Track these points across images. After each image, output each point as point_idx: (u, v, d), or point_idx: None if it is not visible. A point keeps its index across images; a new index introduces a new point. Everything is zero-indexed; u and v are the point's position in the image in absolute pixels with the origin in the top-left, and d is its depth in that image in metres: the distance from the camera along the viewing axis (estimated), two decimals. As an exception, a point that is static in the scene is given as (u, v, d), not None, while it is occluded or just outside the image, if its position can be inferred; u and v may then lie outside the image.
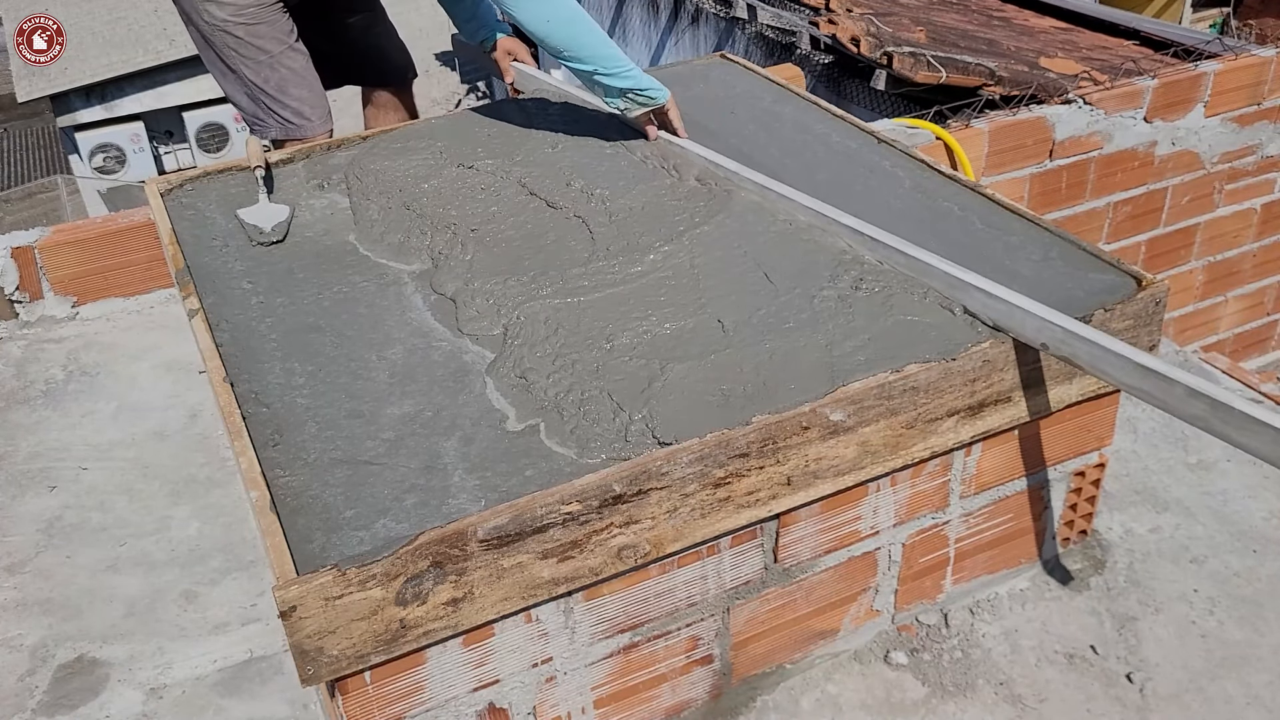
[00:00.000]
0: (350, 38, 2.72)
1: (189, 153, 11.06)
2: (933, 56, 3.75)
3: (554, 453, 1.52)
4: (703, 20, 5.78)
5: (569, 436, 1.53)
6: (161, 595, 2.08)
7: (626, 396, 1.58)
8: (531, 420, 1.58)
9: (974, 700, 1.79)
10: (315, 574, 1.32)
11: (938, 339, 1.66)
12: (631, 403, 1.57)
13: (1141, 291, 1.75)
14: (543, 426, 1.56)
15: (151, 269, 2.99)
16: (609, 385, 1.61)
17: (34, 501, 2.34)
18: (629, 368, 1.65)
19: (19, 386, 2.73)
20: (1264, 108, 3.57)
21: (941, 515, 1.82)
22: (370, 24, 2.75)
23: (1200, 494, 2.19)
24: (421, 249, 2.03)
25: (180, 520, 2.27)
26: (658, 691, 1.71)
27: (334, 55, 2.73)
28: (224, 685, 1.89)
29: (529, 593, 1.47)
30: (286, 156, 2.41)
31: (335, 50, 2.72)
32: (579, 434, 1.53)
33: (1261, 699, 1.77)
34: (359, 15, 2.73)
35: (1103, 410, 1.87)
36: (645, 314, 1.76)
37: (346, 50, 2.74)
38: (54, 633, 2.01)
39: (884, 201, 2.08)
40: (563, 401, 1.59)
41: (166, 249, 2.09)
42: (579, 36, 2.11)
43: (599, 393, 1.60)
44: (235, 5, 2.44)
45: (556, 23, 2.10)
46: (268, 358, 1.75)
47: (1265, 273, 3.96)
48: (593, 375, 1.64)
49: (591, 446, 1.51)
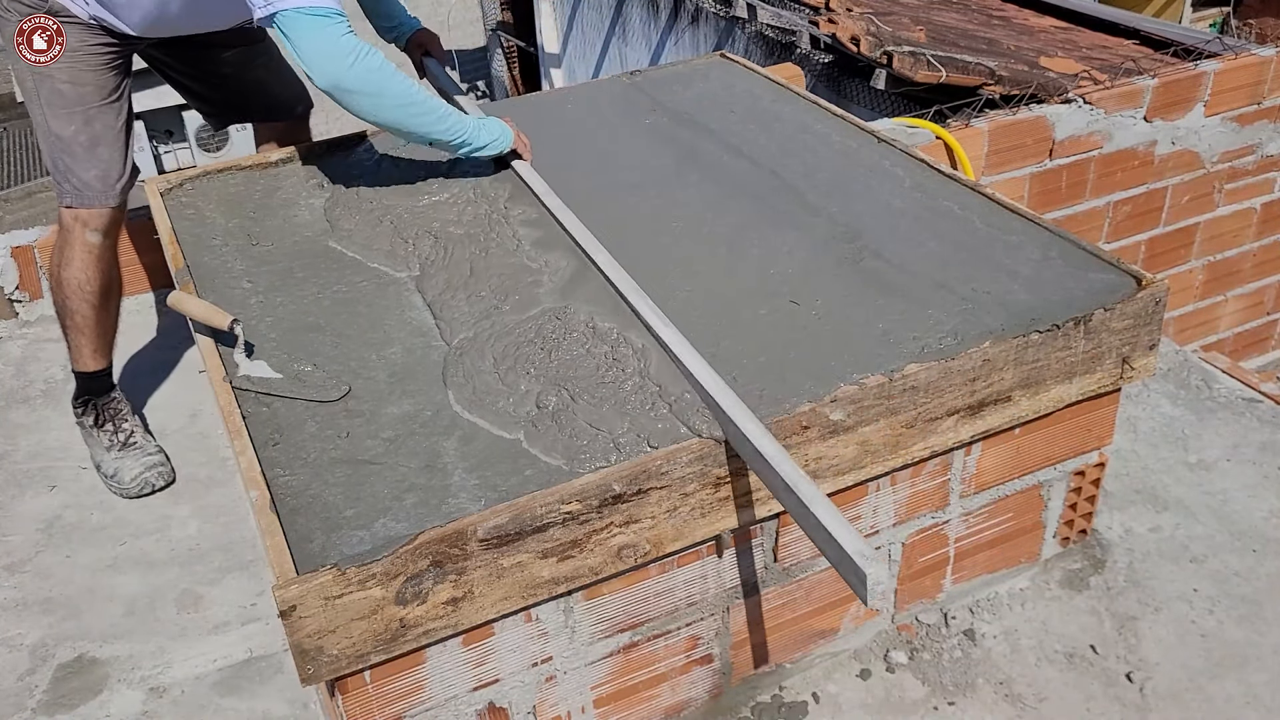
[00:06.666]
0: (225, 74, 2.47)
1: (189, 152, 11.07)
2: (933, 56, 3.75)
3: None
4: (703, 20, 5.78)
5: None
6: (161, 595, 2.08)
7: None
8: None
9: (974, 700, 1.79)
10: (315, 573, 1.32)
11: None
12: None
13: (1141, 291, 1.74)
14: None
15: (151, 269, 3.00)
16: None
17: (34, 501, 2.34)
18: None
19: (19, 386, 2.73)
20: (1264, 107, 3.57)
21: (941, 515, 1.82)
22: (247, 59, 2.48)
23: (1200, 494, 2.19)
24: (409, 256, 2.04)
25: (180, 520, 2.27)
26: (658, 691, 1.71)
27: (211, 95, 2.55)
28: (224, 685, 1.89)
29: (529, 592, 1.47)
30: (286, 156, 2.41)
31: (212, 89, 2.53)
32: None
33: (1261, 699, 1.77)
34: (233, 50, 2.45)
35: (1103, 410, 1.87)
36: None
37: (224, 88, 2.52)
38: (54, 632, 2.01)
39: (884, 201, 2.08)
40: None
41: (166, 248, 2.09)
42: (406, 123, 2.04)
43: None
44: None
45: (382, 118, 2.02)
46: (267, 357, 1.75)
47: (1265, 272, 3.96)
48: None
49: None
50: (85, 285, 2.26)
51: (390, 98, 1.99)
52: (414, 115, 2.04)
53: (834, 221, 2.02)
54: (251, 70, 2.51)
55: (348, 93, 1.94)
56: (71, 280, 2.25)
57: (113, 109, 2.21)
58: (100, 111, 2.19)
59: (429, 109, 2.06)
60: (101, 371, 2.37)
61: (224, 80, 2.49)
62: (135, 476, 2.31)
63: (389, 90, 1.99)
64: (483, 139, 2.17)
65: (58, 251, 2.26)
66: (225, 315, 1.75)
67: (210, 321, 1.76)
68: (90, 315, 2.29)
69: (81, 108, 2.16)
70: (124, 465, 2.32)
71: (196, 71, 2.49)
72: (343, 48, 1.91)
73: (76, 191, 2.20)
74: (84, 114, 2.17)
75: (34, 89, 2.16)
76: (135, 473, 2.31)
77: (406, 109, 2.02)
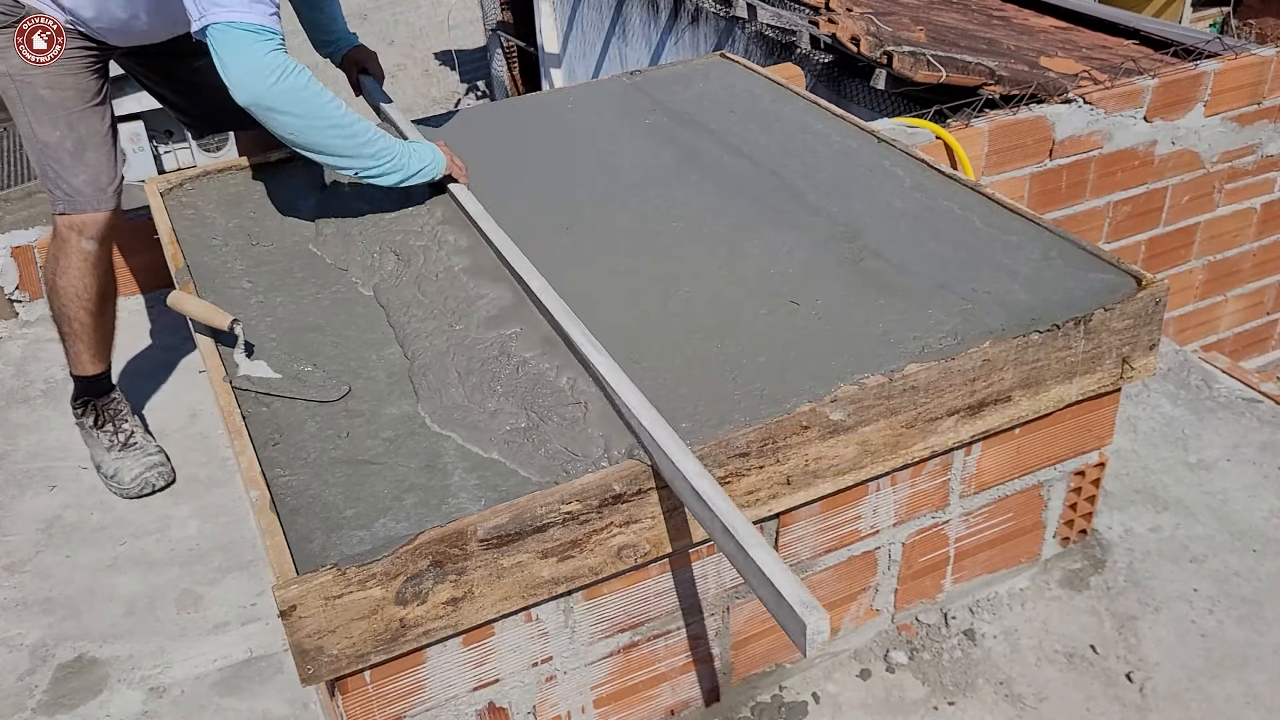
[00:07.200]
0: (197, 82, 2.37)
1: (188, 152, 11.06)
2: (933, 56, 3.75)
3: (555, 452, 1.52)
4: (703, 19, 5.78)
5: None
6: (161, 595, 2.08)
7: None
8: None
9: (974, 700, 1.79)
10: (315, 573, 1.32)
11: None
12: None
13: (1141, 291, 1.75)
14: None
15: (151, 268, 3.00)
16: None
17: (34, 501, 2.34)
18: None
19: (19, 386, 2.73)
20: (1264, 107, 3.57)
21: (941, 514, 1.82)
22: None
23: (1200, 493, 2.19)
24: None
25: (180, 519, 2.27)
26: (658, 691, 1.71)
27: (186, 104, 2.52)
28: (224, 685, 1.89)
29: (529, 592, 1.47)
30: (286, 156, 2.41)
31: (185, 98, 2.50)
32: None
33: (1261, 698, 1.77)
34: (205, 59, 2.25)
35: (1103, 410, 1.87)
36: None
37: (197, 96, 2.45)
38: (54, 632, 2.01)
39: (884, 201, 2.08)
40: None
41: (166, 248, 2.09)
42: (331, 146, 1.95)
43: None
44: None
45: (306, 140, 1.93)
46: (267, 357, 1.75)
47: (1265, 272, 3.96)
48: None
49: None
50: (83, 293, 2.25)
51: (316, 119, 1.91)
52: (341, 138, 1.94)
53: (834, 221, 2.02)
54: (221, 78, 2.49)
55: (269, 111, 1.87)
56: (69, 289, 2.25)
57: (96, 112, 2.20)
58: (83, 116, 2.18)
59: (357, 132, 1.96)
60: (100, 374, 2.37)
61: (197, 89, 2.43)
62: (135, 477, 2.31)
63: (314, 112, 1.90)
64: (413, 166, 2.07)
65: (53, 260, 2.25)
66: (225, 315, 1.74)
67: (210, 321, 1.76)
68: (88, 322, 2.29)
69: (64, 112, 2.15)
70: (124, 465, 2.32)
71: (169, 81, 2.47)
72: (267, 64, 1.83)
73: (68, 198, 2.19)
74: (67, 119, 2.16)
75: (16, 97, 2.15)
76: (135, 473, 2.31)
77: (332, 131, 1.93)
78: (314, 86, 1.90)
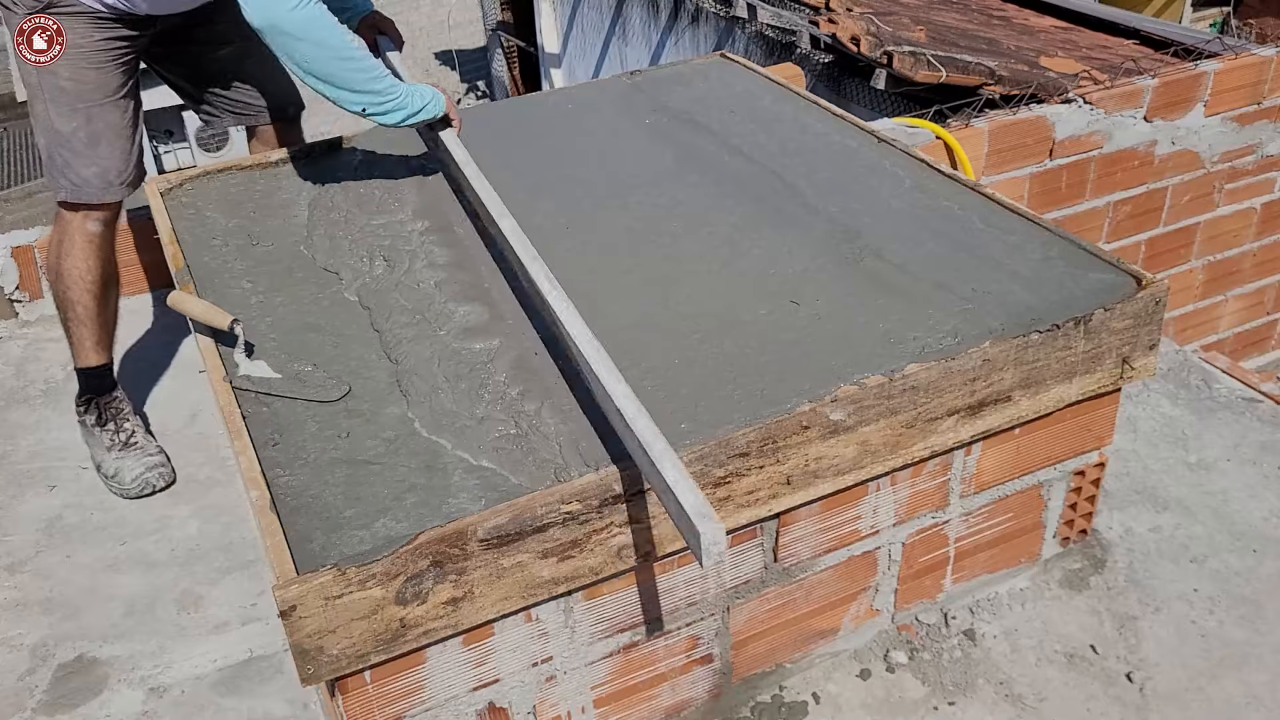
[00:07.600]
0: (218, 70, 2.48)
1: (189, 152, 11.05)
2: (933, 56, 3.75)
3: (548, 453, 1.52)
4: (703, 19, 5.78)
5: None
6: (161, 595, 2.08)
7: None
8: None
9: (974, 700, 1.79)
10: (315, 573, 1.32)
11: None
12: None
13: (1141, 291, 1.75)
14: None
15: (151, 268, 3.00)
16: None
17: (34, 501, 2.34)
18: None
19: (19, 386, 2.73)
20: (1264, 107, 3.57)
21: (941, 514, 1.82)
22: (242, 55, 2.47)
23: (1200, 494, 2.19)
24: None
25: (180, 519, 2.27)
26: (657, 691, 1.71)
27: (205, 94, 2.54)
28: (224, 685, 1.89)
29: (529, 592, 1.47)
30: (286, 156, 2.41)
31: (205, 88, 2.53)
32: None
33: (1261, 699, 1.77)
34: (228, 48, 2.45)
35: (1103, 409, 1.87)
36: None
37: (218, 85, 2.52)
38: (54, 632, 2.01)
39: (884, 201, 2.08)
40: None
41: (166, 248, 2.09)
42: (340, 77, 2.00)
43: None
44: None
45: (316, 69, 1.98)
46: (267, 357, 1.75)
47: (1265, 272, 3.96)
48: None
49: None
50: (86, 274, 2.28)
51: (329, 50, 1.97)
52: (351, 71, 2.00)
53: (834, 221, 2.02)
54: (244, 67, 2.51)
55: (285, 36, 1.92)
56: (73, 270, 2.27)
57: (117, 106, 2.22)
58: (102, 109, 2.20)
59: (366, 68, 2.03)
60: (104, 367, 2.38)
61: (217, 77, 2.50)
62: (136, 477, 2.31)
63: (328, 41, 1.96)
64: (416, 104, 2.12)
65: (55, 245, 2.28)
66: (225, 315, 1.75)
67: (210, 321, 1.76)
68: (92, 305, 2.31)
69: (84, 105, 2.17)
70: (124, 465, 2.33)
71: (192, 69, 2.50)
72: None
73: (74, 187, 2.22)
74: (85, 111, 2.18)
75: (37, 84, 2.18)
76: (136, 473, 2.32)
77: (344, 64, 1.99)
78: (330, 19, 1.97)
